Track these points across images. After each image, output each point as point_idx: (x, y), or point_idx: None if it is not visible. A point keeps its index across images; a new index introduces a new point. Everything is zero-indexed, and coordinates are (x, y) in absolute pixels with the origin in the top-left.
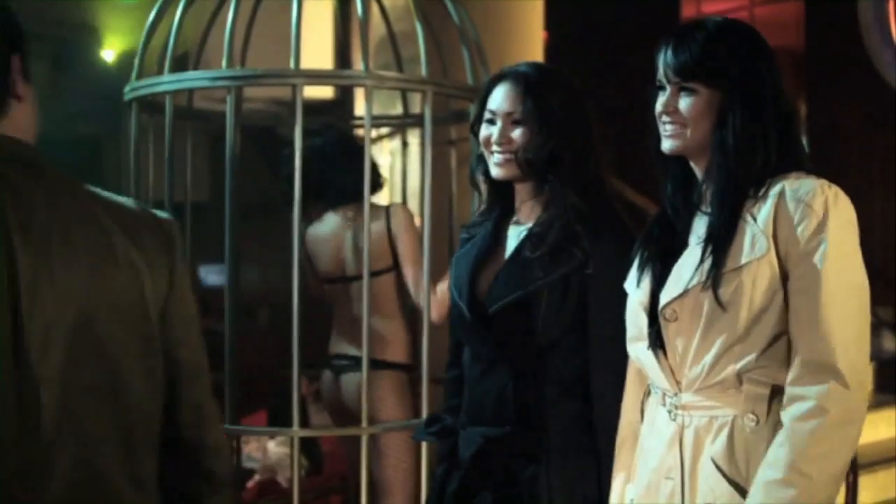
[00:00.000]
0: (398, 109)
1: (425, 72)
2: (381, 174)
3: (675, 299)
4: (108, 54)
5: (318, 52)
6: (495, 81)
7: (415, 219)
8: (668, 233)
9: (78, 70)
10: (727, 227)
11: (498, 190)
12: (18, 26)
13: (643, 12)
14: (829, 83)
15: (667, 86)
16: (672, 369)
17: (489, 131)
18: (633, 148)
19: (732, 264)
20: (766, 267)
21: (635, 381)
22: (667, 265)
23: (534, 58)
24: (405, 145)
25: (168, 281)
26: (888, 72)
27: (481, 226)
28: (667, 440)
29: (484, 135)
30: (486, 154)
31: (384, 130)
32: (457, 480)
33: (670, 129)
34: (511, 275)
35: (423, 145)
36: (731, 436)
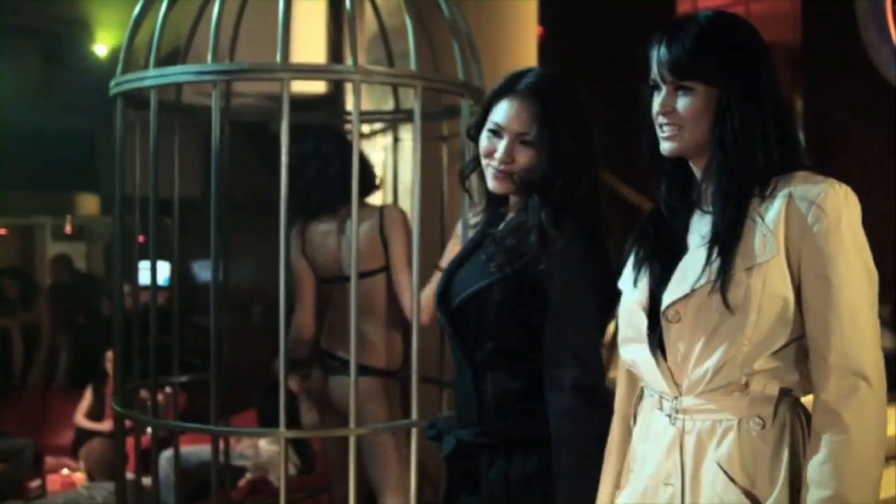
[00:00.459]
0: (390, 105)
1: (415, 66)
2: (375, 174)
3: (679, 300)
4: (101, 49)
5: (312, 50)
6: (506, 92)
7: (409, 220)
8: (664, 231)
9: (71, 64)
10: (734, 227)
11: (493, 194)
12: None
13: (638, 6)
14: (826, 79)
15: (662, 85)
16: (672, 372)
17: (493, 144)
18: (628, 145)
19: (742, 265)
20: (776, 268)
21: (626, 384)
22: (665, 265)
23: (528, 53)
24: (396, 141)
25: None
26: (886, 67)
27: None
28: (665, 445)
29: (486, 146)
30: (483, 163)
31: (376, 126)
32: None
33: (668, 130)
34: (469, 274)
35: (414, 141)
36: (738, 440)
